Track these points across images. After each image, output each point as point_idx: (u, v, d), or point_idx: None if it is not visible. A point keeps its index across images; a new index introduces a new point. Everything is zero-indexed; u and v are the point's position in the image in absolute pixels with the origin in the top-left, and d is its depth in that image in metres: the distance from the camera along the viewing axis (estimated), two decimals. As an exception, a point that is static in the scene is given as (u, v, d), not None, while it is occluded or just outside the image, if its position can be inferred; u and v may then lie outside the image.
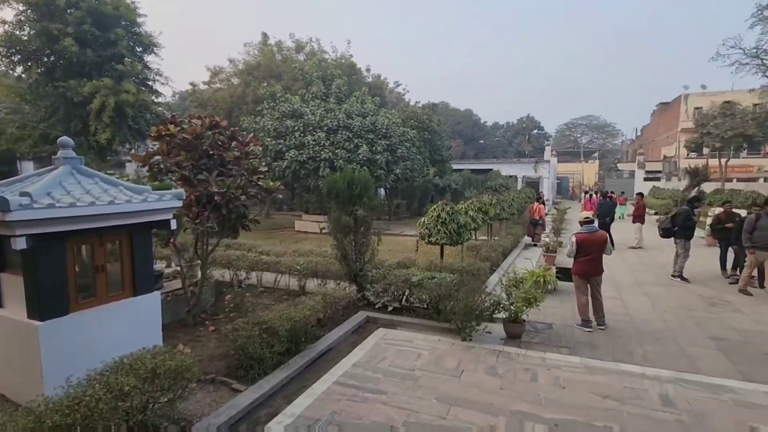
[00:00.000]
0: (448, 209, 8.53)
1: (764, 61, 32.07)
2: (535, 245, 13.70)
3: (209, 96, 26.44)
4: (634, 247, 13.19)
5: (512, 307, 5.66)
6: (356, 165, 15.32)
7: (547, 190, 33.09)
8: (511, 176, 32.68)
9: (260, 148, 15.56)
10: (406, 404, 4.01)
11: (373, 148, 16.28)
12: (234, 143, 5.90)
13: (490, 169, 33.53)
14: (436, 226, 8.39)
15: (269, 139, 16.40)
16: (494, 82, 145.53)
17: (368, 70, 30.68)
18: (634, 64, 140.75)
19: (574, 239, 6.28)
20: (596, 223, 13.46)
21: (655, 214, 23.52)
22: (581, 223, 6.46)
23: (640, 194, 15.25)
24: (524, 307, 5.64)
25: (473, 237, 11.84)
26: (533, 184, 33.55)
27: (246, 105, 23.33)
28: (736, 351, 5.28)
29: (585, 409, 3.91)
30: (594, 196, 24.66)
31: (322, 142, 15.68)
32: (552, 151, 43.03)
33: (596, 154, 61.17)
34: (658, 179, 39.19)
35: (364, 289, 6.98)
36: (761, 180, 34.49)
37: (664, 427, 3.65)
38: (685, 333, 5.99)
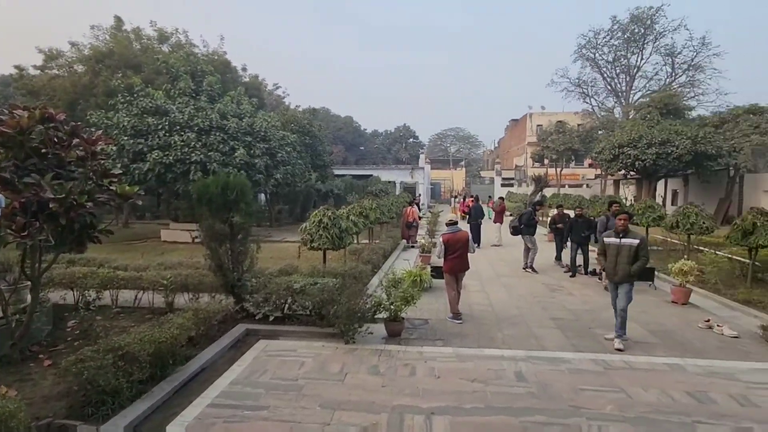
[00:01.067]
0: (329, 214, 8.56)
1: (584, 90, 39.56)
2: (412, 246, 14.58)
3: (43, 83, 22.06)
4: (495, 245, 14.92)
5: (392, 307, 5.92)
6: (233, 169, 14.39)
7: (422, 195, 35.56)
8: (390, 182, 34.28)
9: (114, 148, 13.55)
10: (290, 416, 3.88)
11: (251, 152, 15.49)
12: (76, 140, 5.00)
13: (371, 175, 34.72)
14: (318, 231, 8.35)
15: (126, 138, 14.38)
16: (373, 91, 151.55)
17: (244, 69, 29.17)
18: (493, 82, 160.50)
19: (441, 239, 6.94)
20: (469, 225, 14.99)
21: (510, 215, 27.11)
22: (447, 225, 7.15)
23: (501, 198, 17.49)
24: (403, 306, 5.95)
25: (355, 241, 12.09)
26: (410, 189, 35.73)
27: (95, 97, 20.07)
28: (570, 327, 6.37)
29: (456, 395, 4.29)
30: (466, 199, 27.23)
31: (193, 143, 14.34)
32: (426, 158, 46.46)
33: (463, 163, 68.02)
34: (512, 185, 45.26)
35: (243, 301, 6.57)
36: (585, 186, 42.35)
37: (519, 399, 4.20)
38: (534, 316, 7.01)
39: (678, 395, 4.28)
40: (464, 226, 9.27)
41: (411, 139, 75.92)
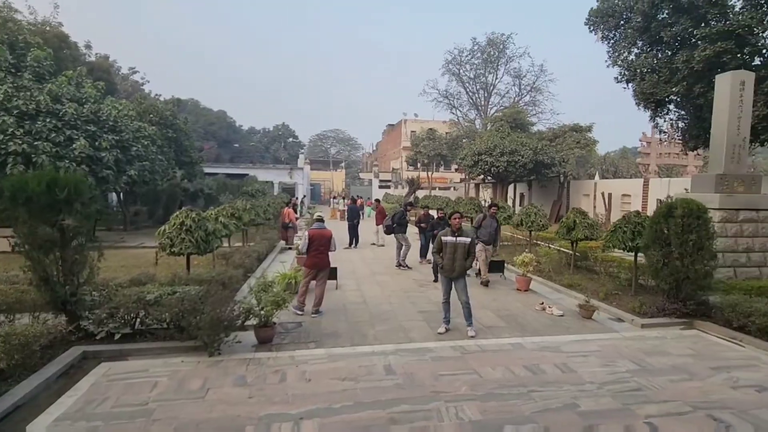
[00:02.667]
0: (193, 216, 7.79)
1: (451, 101, 43.49)
2: (290, 248, 14.20)
3: None
4: (374, 244, 15.38)
5: (262, 312, 5.65)
6: (70, 163, 12.14)
7: (301, 196, 34.98)
8: (267, 182, 32.93)
9: None
10: (135, 447, 3.39)
11: (97, 144, 13.26)
12: None
13: (247, 174, 32.89)
14: (180, 234, 7.53)
15: None
16: (250, 86, 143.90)
17: (88, 46, 25.01)
18: (373, 88, 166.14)
19: (306, 234, 7.12)
20: (347, 225, 15.12)
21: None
22: (314, 221, 7.26)
23: (378, 200, 18.10)
24: (274, 310, 5.72)
25: (227, 244, 11.27)
26: (289, 190, 34.85)
27: None
28: (434, 319, 6.87)
29: (327, 395, 4.27)
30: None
31: (11, 129, 11.66)
32: (306, 159, 45.82)
33: (343, 164, 68.97)
34: (389, 187, 47.44)
35: (80, 319, 5.54)
36: (452, 189, 46.63)
37: (387, 392, 4.37)
38: (404, 311, 7.42)
39: (518, 370, 4.96)
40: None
41: (291, 139, 74.18)
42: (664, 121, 15.57)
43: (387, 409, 4.02)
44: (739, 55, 11.86)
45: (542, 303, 7.68)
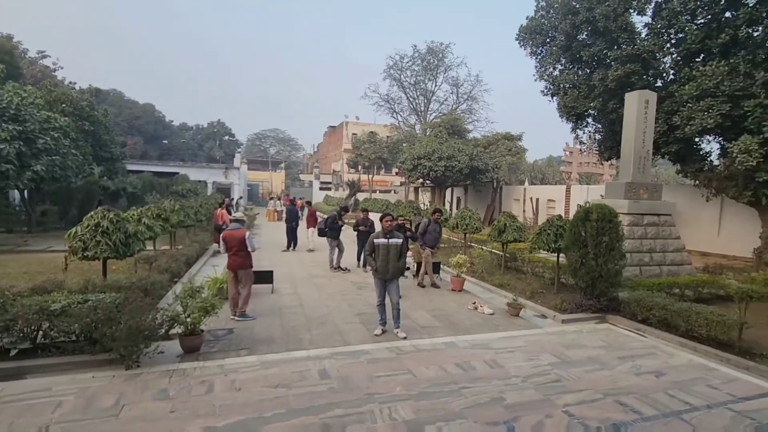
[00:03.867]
0: (111, 216, 7.12)
1: (392, 106, 44.12)
2: (224, 252, 13.51)
3: None
4: (310, 250, 14.84)
5: (188, 320, 5.30)
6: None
7: (237, 196, 33.53)
8: (200, 181, 31.19)
9: None
10: (31, 476, 3.00)
11: (-5, 134, 11.73)
12: None
13: (177, 173, 30.91)
14: (95, 237, 6.85)
15: None
16: (181, 80, 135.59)
17: (-13, 24, 21.95)
18: (315, 89, 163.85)
19: (222, 236, 6.96)
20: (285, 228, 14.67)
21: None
22: (231, 222, 7.09)
23: (308, 202, 16.88)
24: (202, 317, 5.40)
25: (152, 247, 10.48)
26: (224, 190, 33.27)
27: None
28: (371, 321, 6.89)
29: (258, 404, 4.10)
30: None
31: None
32: (243, 158, 44.04)
33: (283, 165, 67.25)
34: (330, 189, 47.05)
35: (-36, 334, 4.83)
36: (392, 192, 47.29)
37: (321, 397, 4.29)
38: (341, 313, 7.36)
39: (450, 368, 5.11)
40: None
41: (227, 137, 71.02)
42: (584, 132, 16.99)
43: (320, 414, 3.94)
44: (644, 77, 13.27)
45: (474, 302, 8.01)
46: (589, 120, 16.34)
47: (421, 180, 28.71)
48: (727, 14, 11.79)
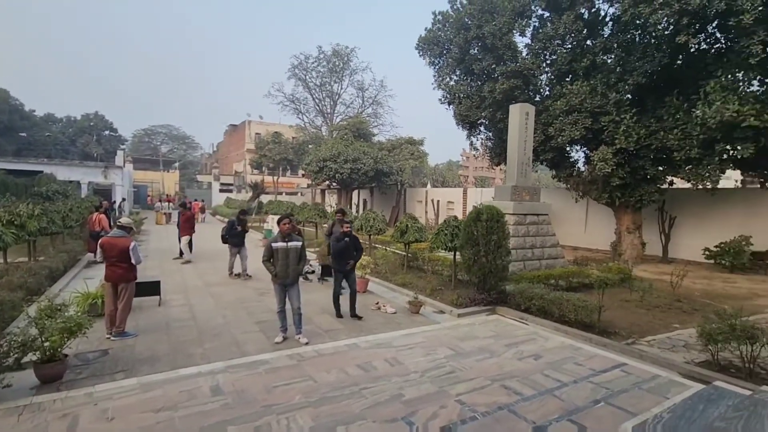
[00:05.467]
0: (-62, 224, 5.80)
1: (297, 106, 43.19)
2: (101, 261, 11.87)
3: None
4: (178, 259, 12.78)
5: (46, 344, 4.51)
6: None
7: (119, 199, 29.82)
8: (72, 182, 27.08)
9: None
10: None
11: None
12: None
13: (41, 172, 26.46)
14: None
15: None
16: (51, 63, 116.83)
17: None
18: (213, 84, 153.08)
19: (99, 243, 6.17)
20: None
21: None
22: (116, 227, 6.32)
23: (183, 205, 14.19)
24: (65, 339, 4.65)
25: (1, 260, 8.79)
26: (104, 192, 29.36)
27: None
28: (273, 328, 6.60)
29: (135, 433, 3.64)
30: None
31: None
32: (128, 156, 39.42)
33: (177, 165, 61.66)
34: (231, 191, 44.37)
35: None
36: (299, 194, 46.29)
37: (212, 415, 3.97)
38: (239, 323, 6.93)
39: (352, 370, 5.11)
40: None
41: (107, 132, 62.95)
42: (477, 139, 18.47)
43: (210, 434, 3.64)
44: (526, 91, 14.86)
45: (378, 303, 8.15)
46: (482, 128, 17.79)
47: (327, 182, 28.55)
48: (588, 42, 13.76)
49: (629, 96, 13.14)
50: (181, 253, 13.18)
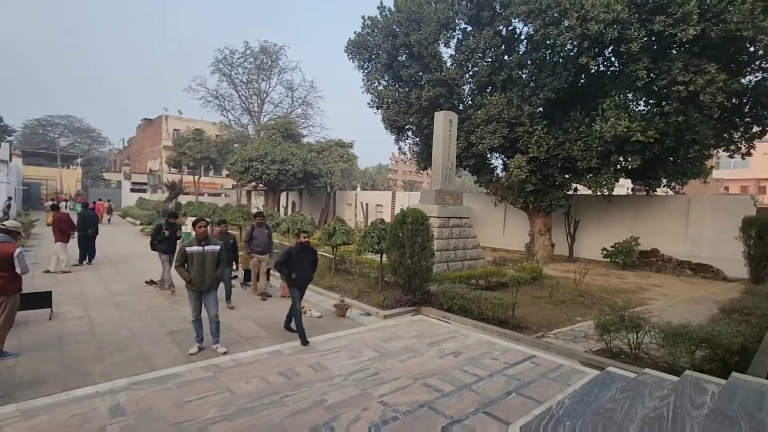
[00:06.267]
0: None
1: (222, 103, 41.01)
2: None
3: None
4: (55, 271, 10.57)
5: None
6: None
7: (4, 198, 25.91)
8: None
9: None
10: None
11: None
12: None
13: None
14: None
15: None
16: None
17: None
18: (123, 74, 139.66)
19: None
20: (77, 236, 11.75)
21: (141, 224, 24.21)
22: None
23: (55, 206, 12.50)
24: None
25: None
26: (-17, 190, 25.29)
27: None
28: (188, 339, 6.14)
29: (10, 468, 3.15)
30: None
31: None
32: (15, 149, 34.48)
33: (79, 160, 55.22)
34: (145, 190, 40.74)
35: None
36: (223, 195, 43.88)
37: (110, 439, 3.57)
38: (148, 335, 6.35)
39: (273, 378, 4.91)
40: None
41: (-11, 120, 54.48)
42: (405, 144, 18.93)
43: (107, 461, 3.27)
44: (450, 99, 15.54)
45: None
46: (409, 133, 18.26)
47: (253, 183, 27.44)
48: (506, 57, 14.78)
49: (541, 109, 14.32)
50: (84, 257, 11.84)
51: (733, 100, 12.37)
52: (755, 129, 13.18)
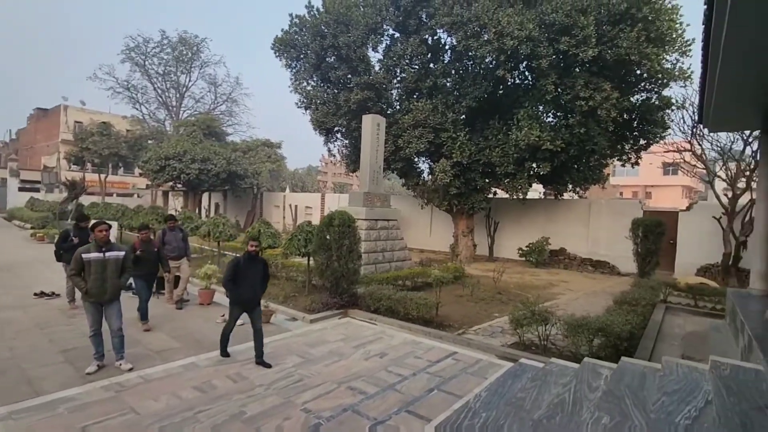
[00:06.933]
0: None
1: (134, 95, 37.59)
2: None
3: None
4: None
5: None
6: None
7: None
8: None
9: None
10: None
11: None
12: None
13: None
14: None
15: None
16: None
17: None
18: (9, 57, 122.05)
19: None
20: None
21: (32, 228, 21.27)
22: None
23: None
24: None
25: None
26: None
27: None
28: (85, 357, 5.48)
29: None
30: None
31: None
32: None
33: (-49, 154, 47.10)
34: (37, 190, 35.89)
35: None
36: (135, 196, 40.14)
37: (-21, 481, 3.05)
38: (34, 355, 5.56)
39: (187, 393, 4.56)
40: None
41: None
42: (334, 146, 18.83)
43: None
44: (378, 103, 15.76)
45: (224, 315, 7.51)
46: (338, 135, 18.19)
47: (171, 183, 25.48)
48: (432, 65, 15.34)
49: (464, 116, 15.07)
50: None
51: (625, 116, 14.05)
52: (642, 142, 15.06)
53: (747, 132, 12.11)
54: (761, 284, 6.73)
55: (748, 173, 12.45)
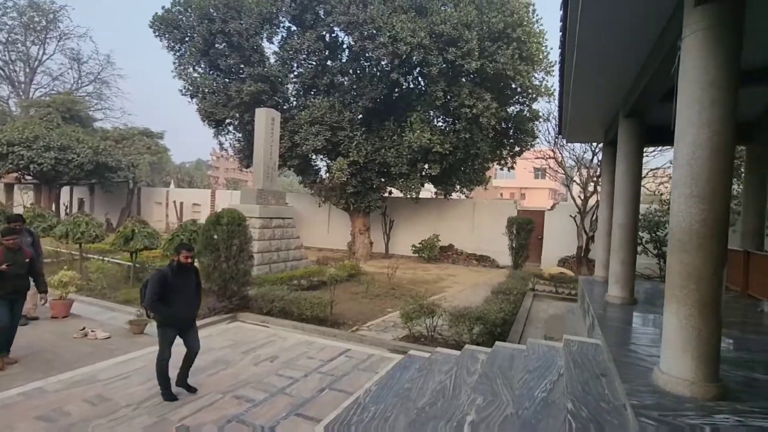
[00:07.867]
0: None
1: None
2: None
3: None
4: None
5: None
6: None
7: None
8: None
9: None
10: None
11: None
12: None
13: None
14: None
15: None
16: None
17: None
18: None
19: None
20: None
21: None
22: None
23: None
24: None
25: None
26: None
27: None
28: None
29: None
30: None
31: None
32: None
33: None
34: None
35: None
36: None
37: None
38: None
39: (27, 424, 3.82)
40: None
41: None
42: (226, 139, 17.59)
43: None
44: (274, 97, 15.13)
45: (83, 328, 6.50)
46: (230, 128, 17.05)
47: (16, 174, 21.27)
48: (329, 62, 15.24)
49: (361, 116, 15.27)
50: None
51: (503, 124, 15.65)
52: (517, 148, 16.94)
53: (595, 144, 14.41)
54: (603, 272, 8.06)
55: (595, 179, 14.82)
